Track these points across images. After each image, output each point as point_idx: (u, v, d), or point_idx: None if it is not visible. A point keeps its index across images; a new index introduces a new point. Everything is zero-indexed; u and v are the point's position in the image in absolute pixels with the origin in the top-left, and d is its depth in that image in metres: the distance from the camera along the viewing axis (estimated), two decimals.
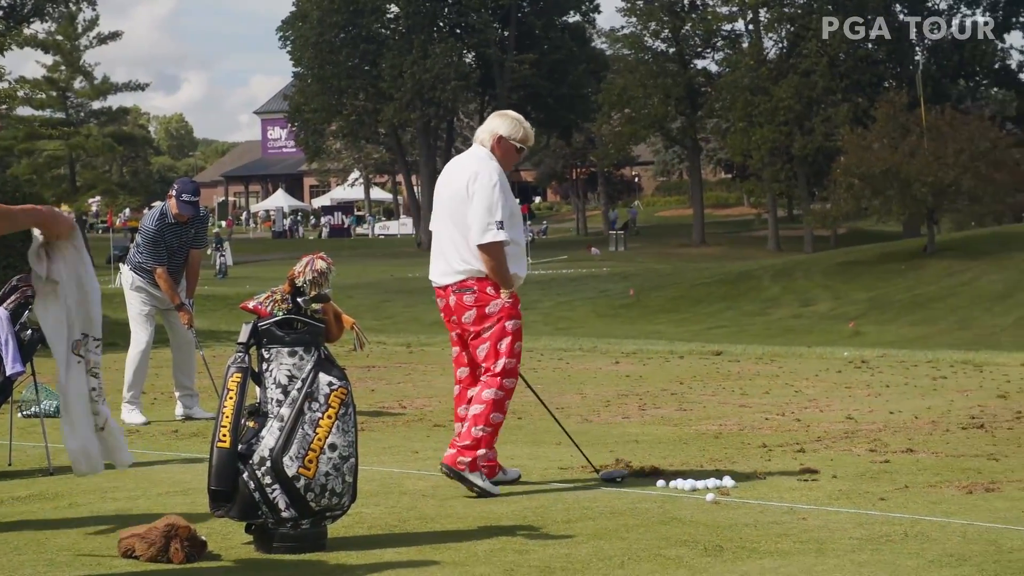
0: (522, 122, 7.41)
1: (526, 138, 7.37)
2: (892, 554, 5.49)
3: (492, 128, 7.36)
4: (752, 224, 76.10)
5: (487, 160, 7.27)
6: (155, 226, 10.53)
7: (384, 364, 15.54)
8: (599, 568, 5.34)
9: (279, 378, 5.74)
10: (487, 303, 7.13)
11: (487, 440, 7.10)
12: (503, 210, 7.09)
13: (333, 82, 69.04)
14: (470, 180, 7.18)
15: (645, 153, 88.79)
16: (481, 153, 7.33)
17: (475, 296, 7.14)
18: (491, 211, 7.08)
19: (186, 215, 10.51)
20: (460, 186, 7.22)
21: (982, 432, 9.14)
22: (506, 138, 7.32)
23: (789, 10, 64.06)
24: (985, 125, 42.50)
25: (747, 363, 15.28)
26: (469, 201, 7.15)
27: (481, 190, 7.12)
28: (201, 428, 9.83)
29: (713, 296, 36.50)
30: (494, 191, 7.11)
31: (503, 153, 7.31)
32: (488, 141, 7.33)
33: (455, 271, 7.19)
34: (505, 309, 7.12)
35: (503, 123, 7.37)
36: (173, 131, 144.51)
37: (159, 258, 10.50)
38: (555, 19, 72.99)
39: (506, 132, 7.33)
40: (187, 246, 10.69)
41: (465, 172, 7.25)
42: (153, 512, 6.34)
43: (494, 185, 7.12)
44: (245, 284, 39.53)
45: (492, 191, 7.11)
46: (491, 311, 7.12)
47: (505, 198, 7.15)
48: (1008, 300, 32.07)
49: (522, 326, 7.27)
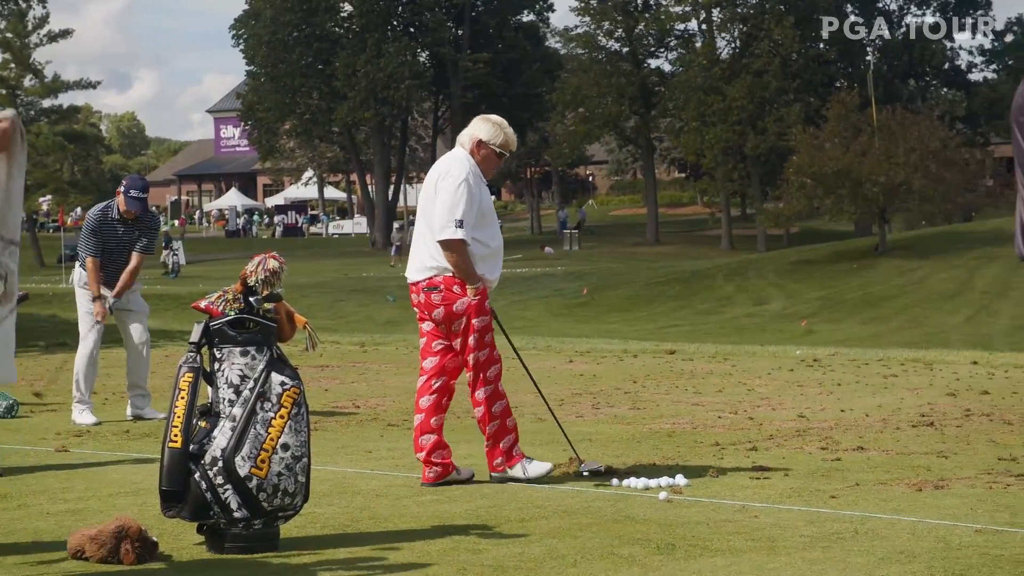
0: (503, 127, 7.47)
1: (506, 143, 7.44)
2: (842, 551, 5.53)
3: (473, 132, 7.45)
4: (706, 223, 76.39)
5: (461, 160, 7.36)
6: (96, 217, 10.46)
7: (338, 363, 15.49)
8: (552, 567, 5.35)
9: (231, 378, 5.71)
10: (454, 301, 7.25)
11: (502, 431, 7.35)
12: (468, 210, 7.17)
13: (286, 81, 68.76)
14: (440, 177, 7.31)
15: (599, 152, 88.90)
16: (459, 154, 7.43)
17: (442, 295, 7.26)
18: (452, 209, 7.17)
19: (133, 211, 10.41)
20: (431, 183, 7.37)
21: (932, 430, 9.22)
22: (486, 142, 7.41)
23: (742, 10, 64.38)
24: (935, 125, 42.91)
25: (700, 362, 15.35)
26: (436, 198, 7.27)
27: (446, 188, 7.24)
28: (153, 428, 9.77)
29: (667, 295, 36.63)
30: (458, 190, 7.19)
31: (482, 157, 7.41)
32: (468, 144, 7.43)
33: (425, 267, 7.33)
34: (471, 306, 7.24)
35: (484, 127, 7.45)
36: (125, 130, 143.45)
37: (92, 248, 10.40)
38: (509, 18, 72.96)
39: (486, 136, 7.41)
40: (129, 247, 10.55)
41: (437, 170, 7.39)
42: (104, 513, 6.30)
43: (459, 184, 7.20)
44: (198, 283, 39.32)
45: (456, 190, 7.20)
46: (458, 308, 7.25)
47: (473, 199, 7.22)
48: (958, 299, 32.36)
49: (490, 320, 7.36)
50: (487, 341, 7.34)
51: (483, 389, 7.34)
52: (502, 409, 7.40)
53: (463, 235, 7.15)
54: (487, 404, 7.35)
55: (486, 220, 7.33)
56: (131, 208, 10.41)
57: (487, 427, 7.37)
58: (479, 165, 7.38)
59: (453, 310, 7.26)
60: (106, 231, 10.45)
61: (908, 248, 40.16)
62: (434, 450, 7.29)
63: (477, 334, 7.28)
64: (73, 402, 10.37)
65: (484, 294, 7.31)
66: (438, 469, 7.28)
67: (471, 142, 7.41)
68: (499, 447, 7.38)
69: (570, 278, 41.69)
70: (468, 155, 7.40)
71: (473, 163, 7.36)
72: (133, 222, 10.51)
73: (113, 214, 10.47)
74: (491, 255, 7.39)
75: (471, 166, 7.33)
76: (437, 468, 7.28)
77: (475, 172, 7.32)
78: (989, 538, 5.70)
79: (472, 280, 7.22)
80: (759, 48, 62.17)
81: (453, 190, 7.21)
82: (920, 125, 42.25)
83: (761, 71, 61.81)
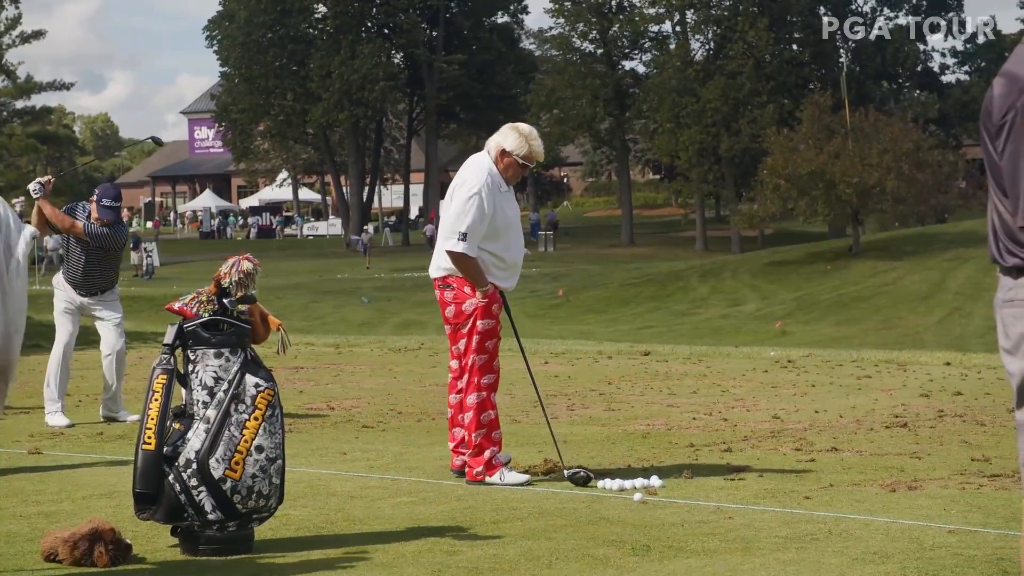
0: (530, 139, 7.51)
1: (530, 155, 7.48)
2: (816, 552, 5.54)
3: (499, 140, 7.52)
4: (680, 224, 76.53)
5: (481, 169, 7.44)
6: (66, 209, 10.40)
7: (313, 365, 15.46)
8: (527, 568, 5.35)
9: (205, 380, 5.70)
10: (464, 300, 7.40)
11: (487, 441, 7.39)
12: (475, 223, 7.27)
13: (261, 82, 68.63)
14: (458, 185, 7.45)
15: (574, 154, 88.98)
16: (483, 161, 7.52)
17: (454, 293, 7.43)
18: (459, 219, 7.29)
19: (105, 220, 10.38)
20: (451, 189, 7.52)
21: (905, 431, 9.26)
22: (509, 152, 7.46)
23: (716, 12, 64.52)
24: (908, 127, 43.07)
25: (675, 363, 15.37)
26: (450, 206, 7.44)
27: (459, 198, 7.38)
28: (126, 430, 9.73)
29: (642, 296, 36.69)
30: (468, 201, 7.30)
31: (505, 166, 7.48)
32: (493, 152, 7.50)
33: (440, 267, 7.50)
34: (479, 308, 7.37)
35: (510, 137, 7.51)
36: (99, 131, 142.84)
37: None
38: (483, 20, 72.97)
39: (510, 147, 7.47)
40: (99, 253, 10.48)
41: (459, 177, 7.52)
42: (77, 515, 6.27)
43: (471, 196, 7.30)
44: (172, 285, 39.20)
45: (467, 201, 7.30)
46: (466, 309, 7.40)
47: (482, 212, 7.30)
48: (931, 300, 32.51)
49: (496, 326, 7.45)
50: (487, 347, 7.41)
51: (475, 395, 7.40)
52: (490, 420, 7.43)
53: (464, 248, 7.26)
54: (476, 411, 7.39)
55: (500, 232, 7.41)
56: (104, 217, 10.36)
57: (472, 434, 7.39)
58: (502, 173, 7.46)
59: (462, 309, 7.40)
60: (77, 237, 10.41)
61: (882, 250, 40.33)
62: (462, 443, 7.51)
63: (479, 336, 7.38)
64: (45, 400, 10.31)
65: (493, 298, 7.40)
66: (462, 458, 7.50)
67: (496, 150, 7.48)
68: (482, 456, 7.38)
69: (546, 279, 41.72)
70: (492, 163, 7.47)
71: (495, 171, 7.44)
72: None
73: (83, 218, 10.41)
74: (505, 267, 7.49)
75: (490, 176, 7.40)
76: (462, 457, 7.51)
77: (494, 182, 7.39)
78: (962, 538, 5.73)
79: (480, 284, 7.33)
80: (733, 50, 62.31)
81: (464, 201, 7.32)
82: (893, 127, 42.43)
83: (735, 73, 61.96)
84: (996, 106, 3.67)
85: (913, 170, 41.52)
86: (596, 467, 7.71)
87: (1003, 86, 3.68)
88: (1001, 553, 5.43)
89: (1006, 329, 3.75)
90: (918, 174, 41.70)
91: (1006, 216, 3.71)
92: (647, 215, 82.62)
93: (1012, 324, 3.72)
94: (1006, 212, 3.71)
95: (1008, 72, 3.70)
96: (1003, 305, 3.77)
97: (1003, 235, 3.74)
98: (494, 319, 7.42)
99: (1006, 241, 3.72)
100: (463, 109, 72.36)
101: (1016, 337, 3.71)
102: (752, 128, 59.71)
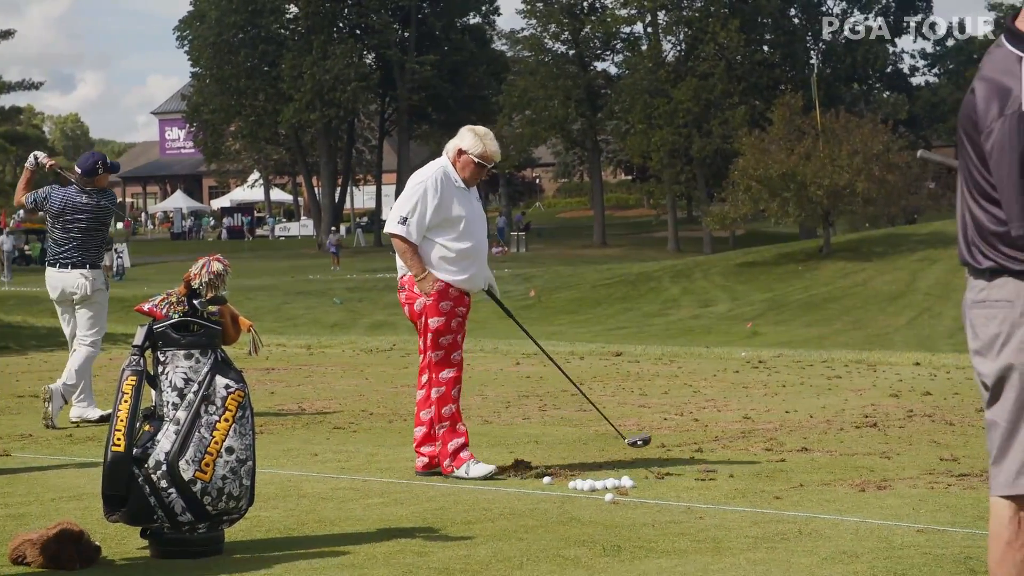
0: (485, 138, 7.63)
1: (485, 154, 7.58)
2: (786, 552, 5.56)
3: (456, 142, 7.66)
4: (652, 225, 76.70)
5: (433, 165, 7.64)
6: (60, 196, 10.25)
7: (284, 366, 15.42)
8: (498, 569, 5.35)
9: (175, 381, 5.68)
10: (414, 300, 7.53)
11: (450, 434, 7.52)
12: (418, 209, 7.42)
13: (232, 82, 68.45)
14: (410, 179, 7.63)
15: (546, 155, 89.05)
16: (439, 160, 7.69)
17: (406, 294, 7.60)
18: (402, 205, 7.50)
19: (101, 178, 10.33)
20: None
21: (875, 431, 9.30)
22: (466, 152, 7.58)
23: (687, 13, 64.68)
24: (878, 128, 43.30)
25: (647, 363, 15.39)
26: None
27: (407, 187, 7.58)
28: (96, 432, 9.68)
29: (614, 297, 36.75)
30: (412, 188, 7.51)
31: (463, 166, 7.61)
32: (451, 152, 7.64)
33: (399, 266, 7.63)
34: (427, 307, 7.48)
35: (466, 137, 7.64)
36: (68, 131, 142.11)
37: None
38: (455, 21, 72.97)
39: (466, 146, 7.60)
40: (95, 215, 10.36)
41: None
42: (46, 517, 6.24)
43: (416, 184, 7.51)
44: (142, 286, 39.03)
45: (410, 188, 7.52)
46: (417, 308, 7.53)
47: (426, 200, 7.45)
48: (900, 301, 32.67)
49: (454, 320, 7.54)
50: (442, 344, 7.51)
51: (436, 390, 7.54)
52: (451, 413, 7.53)
53: (403, 231, 7.43)
54: (438, 404, 7.53)
55: (452, 225, 7.50)
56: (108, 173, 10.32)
57: (435, 427, 7.52)
58: (460, 173, 7.58)
59: (414, 308, 7.53)
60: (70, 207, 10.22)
61: (852, 250, 40.51)
62: (423, 443, 7.62)
63: (432, 334, 7.50)
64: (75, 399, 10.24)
65: (444, 296, 7.46)
66: (424, 460, 7.61)
67: (453, 150, 7.62)
68: (446, 448, 7.51)
69: (517, 280, 41.73)
70: (448, 163, 7.61)
71: (450, 169, 7.57)
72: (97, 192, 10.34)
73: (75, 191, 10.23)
74: (455, 259, 7.52)
75: (443, 171, 7.54)
76: (423, 459, 7.62)
77: (446, 177, 7.52)
78: (931, 537, 5.76)
79: (417, 273, 7.44)
80: (704, 51, 62.52)
81: (410, 189, 7.53)
82: (863, 128, 42.64)
83: (707, 74, 62.16)
84: (980, 111, 3.68)
85: (883, 171, 41.76)
86: (567, 467, 7.71)
87: (985, 91, 3.69)
88: (969, 552, 5.46)
89: (976, 330, 3.77)
90: (888, 175, 41.95)
91: (981, 218, 3.73)
92: (619, 216, 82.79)
93: (983, 325, 3.74)
94: (983, 214, 3.72)
95: (988, 78, 3.71)
96: (973, 306, 3.79)
97: (976, 237, 3.75)
98: (444, 316, 7.48)
99: (980, 243, 3.74)
100: (435, 110, 72.34)
101: (987, 338, 3.73)
102: (724, 129, 59.93)
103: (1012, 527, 3.69)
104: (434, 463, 7.61)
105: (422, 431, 7.63)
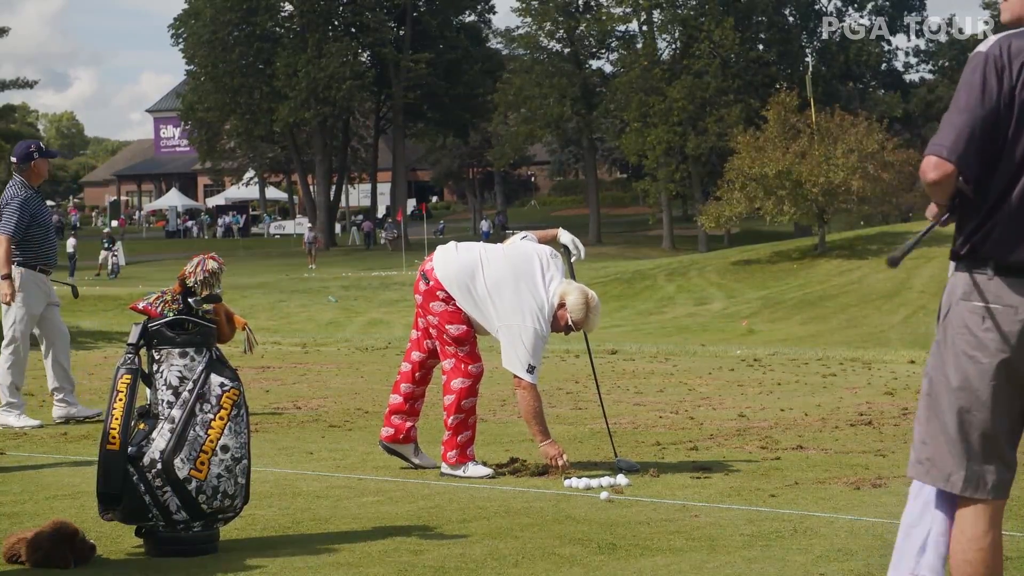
0: (592, 311, 7.53)
1: (578, 324, 7.52)
2: (781, 550, 5.57)
3: (565, 291, 7.51)
4: (647, 223, 76.73)
5: (533, 308, 7.47)
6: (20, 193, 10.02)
7: (279, 364, 15.42)
8: (493, 567, 5.35)
9: (170, 379, 5.67)
10: (450, 322, 7.61)
11: (463, 426, 7.55)
12: (539, 349, 7.49)
13: (227, 80, 68.38)
14: (520, 275, 7.55)
15: (541, 153, 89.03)
16: (538, 298, 7.49)
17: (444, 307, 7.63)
18: (531, 354, 7.44)
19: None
20: (519, 261, 7.62)
21: (870, 429, 9.31)
22: (565, 309, 7.49)
23: (682, 12, 64.70)
24: (873, 126, 43.29)
25: (642, 362, 15.40)
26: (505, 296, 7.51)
27: (526, 333, 7.44)
28: (90, 431, 9.67)
29: (609, 295, 36.72)
30: (529, 333, 7.43)
31: (558, 316, 7.51)
32: (556, 299, 7.51)
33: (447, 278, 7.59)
34: (445, 312, 7.57)
35: (575, 298, 7.49)
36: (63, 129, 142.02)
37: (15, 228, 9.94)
38: (451, 19, 72.93)
39: (569, 305, 7.49)
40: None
41: (533, 262, 7.61)
42: (40, 516, 6.23)
43: (531, 329, 7.42)
44: (137, 284, 39.03)
45: (529, 332, 7.43)
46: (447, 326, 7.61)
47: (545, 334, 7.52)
48: (895, 299, 32.68)
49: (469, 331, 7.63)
50: (467, 341, 7.59)
51: (461, 379, 7.53)
52: (471, 406, 7.56)
53: (533, 380, 7.47)
54: (458, 396, 7.52)
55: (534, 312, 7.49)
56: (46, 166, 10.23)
57: (450, 417, 7.51)
58: (553, 321, 7.51)
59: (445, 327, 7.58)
60: (34, 205, 10.09)
61: (847, 248, 40.52)
62: (395, 412, 7.75)
63: (452, 337, 7.57)
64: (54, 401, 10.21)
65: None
66: (390, 431, 7.74)
67: (559, 299, 7.50)
68: (456, 439, 7.52)
69: None
70: (550, 300, 7.48)
71: (548, 305, 7.48)
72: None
73: (30, 190, 10.09)
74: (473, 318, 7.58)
75: (542, 311, 7.45)
76: (390, 429, 7.74)
77: (544, 313, 7.46)
78: None
79: (541, 436, 7.50)
80: (699, 49, 62.50)
81: (528, 332, 7.41)
82: (858, 127, 42.65)
83: (701, 72, 62.16)
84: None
85: (878, 169, 41.76)
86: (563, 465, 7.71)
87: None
88: None
89: None
90: (883, 174, 41.94)
91: None
92: (614, 214, 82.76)
93: None
94: None
95: None
96: None
97: None
98: (464, 323, 7.55)
99: None
100: (430, 108, 72.30)
101: None
102: (719, 127, 59.92)
103: None
104: (399, 435, 7.70)
105: (398, 400, 7.72)
